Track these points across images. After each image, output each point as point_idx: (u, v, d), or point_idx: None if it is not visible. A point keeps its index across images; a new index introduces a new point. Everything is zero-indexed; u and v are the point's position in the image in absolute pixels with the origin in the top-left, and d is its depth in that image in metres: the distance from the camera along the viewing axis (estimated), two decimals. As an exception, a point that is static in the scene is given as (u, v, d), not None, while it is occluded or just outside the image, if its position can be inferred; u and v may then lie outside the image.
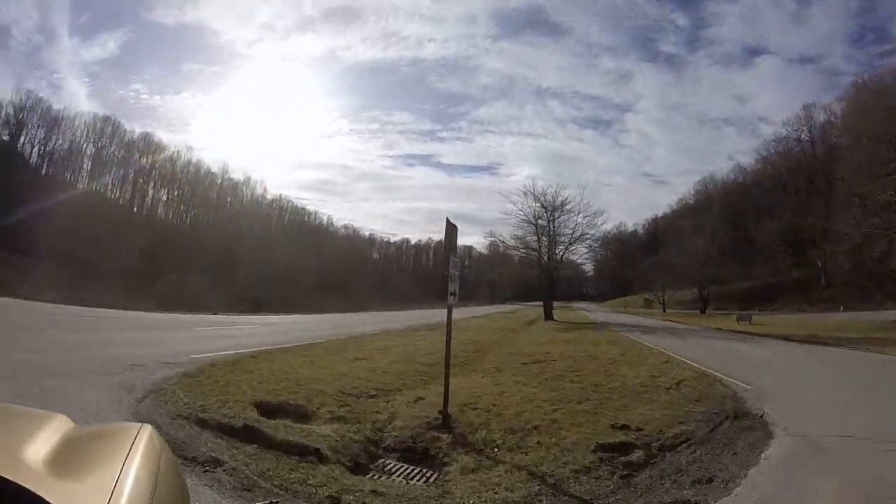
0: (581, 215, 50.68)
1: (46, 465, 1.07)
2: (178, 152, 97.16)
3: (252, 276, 78.99)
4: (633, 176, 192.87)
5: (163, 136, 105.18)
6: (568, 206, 50.77)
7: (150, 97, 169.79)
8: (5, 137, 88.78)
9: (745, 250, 78.81)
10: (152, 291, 58.96)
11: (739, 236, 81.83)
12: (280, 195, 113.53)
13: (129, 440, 1.29)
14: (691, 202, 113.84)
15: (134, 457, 1.19)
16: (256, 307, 57.89)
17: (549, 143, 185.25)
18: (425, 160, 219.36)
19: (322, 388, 9.33)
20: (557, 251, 52.48)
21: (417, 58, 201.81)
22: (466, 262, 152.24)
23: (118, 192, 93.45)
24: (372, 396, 9.51)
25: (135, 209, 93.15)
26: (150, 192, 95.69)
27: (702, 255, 72.11)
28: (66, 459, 1.14)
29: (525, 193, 51.65)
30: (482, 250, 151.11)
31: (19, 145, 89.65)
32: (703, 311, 70.12)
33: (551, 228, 51.67)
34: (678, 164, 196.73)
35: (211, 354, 12.30)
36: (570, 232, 51.81)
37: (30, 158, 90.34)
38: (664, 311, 77.24)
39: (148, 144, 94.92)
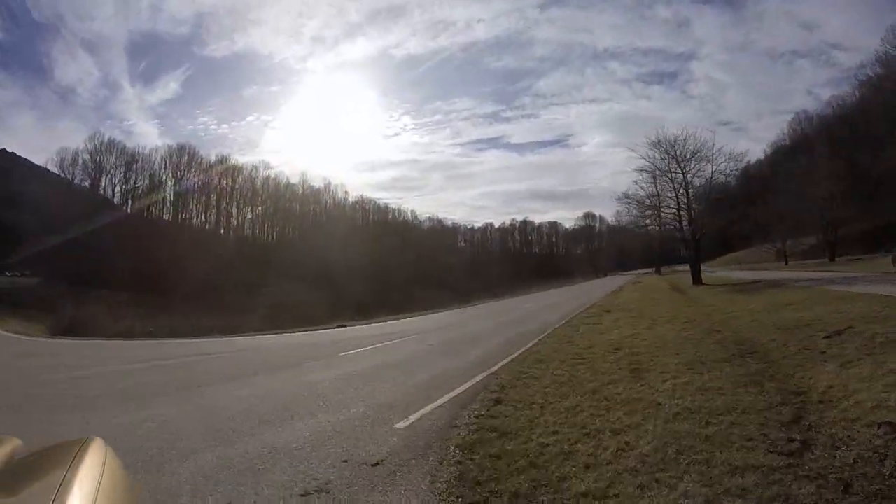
0: (718, 162, 42.89)
1: None
2: (255, 168, 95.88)
3: (349, 280, 75.50)
4: (708, 126, 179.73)
5: (237, 159, 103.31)
6: (702, 154, 42.84)
7: (218, 126, 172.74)
8: (87, 183, 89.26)
9: (863, 187, 67.70)
10: (253, 310, 56.25)
11: (854, 173, 70.44)
12: (362, 196, 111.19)
13: (72, 454, 1.27)
14: (786, 144, 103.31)
15: (76, 469, 1.18)
16: (363, 311, 53.49)
17: (615, 105, 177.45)
18: (494, 142, 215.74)
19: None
20: (696, 207, 44.16)
21: (469, 41, 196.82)
22: (554, 239, 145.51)
23: (203, 218, 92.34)
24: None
25: (221, 231, 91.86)
26: (234, 212, 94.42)
27: (825, 197, 61.81)
28: (7, 479, 1.19)
29: (653, 144, 43.78)
30: (571, 225, 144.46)
31: (101, 188, 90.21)
32: (832, 259, 61.14)
33: (685, 181, 43.93)
34: (754, 108, 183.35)
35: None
36: (706, 183, 43.90)
37: (113, 198, 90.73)
38: (786, 263, 68.42)
39: (225, 167, 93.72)
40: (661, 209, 45.44)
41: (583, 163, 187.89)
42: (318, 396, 8.40)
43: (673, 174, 44.04)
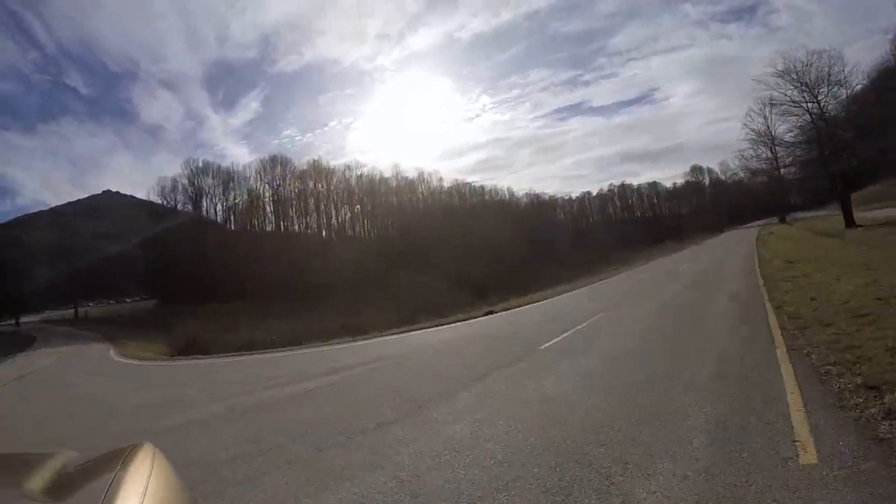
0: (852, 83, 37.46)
1: (40, 497, 1.13)
2: (348, 168, 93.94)
3: (460, 265, 70.76)
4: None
5: (329, 162, 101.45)
6: (833, 77, 37.16)
7: (303, 136, 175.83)
8: (188, 207, 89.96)
9: None
10: (371, 307, 52.47)
11: None
12: (456, 180, 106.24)
13: (120, 459, 1.28)
14: (892, 65, 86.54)
15: (124, 472, 1.17)
16: (482, 294, 48.34)
17: (696, 51, 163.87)
18: (576, 109, 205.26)
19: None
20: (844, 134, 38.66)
21: (532, 10, 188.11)
22: (655, 200, 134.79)
23: (304, 223, 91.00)
24: None
25: (323, 234, 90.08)
26: (333, 213, 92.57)
27: None
28: (58, 489, 1.18)
29: (781, 73, 37.07)
30: (671, 184, 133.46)
31: (203, 209, 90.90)
32: None
33: (821, 110, 38.48)
34: (844, 31, 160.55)
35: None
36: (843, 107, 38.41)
37: (215, 217, 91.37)
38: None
39: (319, 171, 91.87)
40: (797, 146, 38.27)
41: (672, 116, 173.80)
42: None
43: (808, 104, 37.93)
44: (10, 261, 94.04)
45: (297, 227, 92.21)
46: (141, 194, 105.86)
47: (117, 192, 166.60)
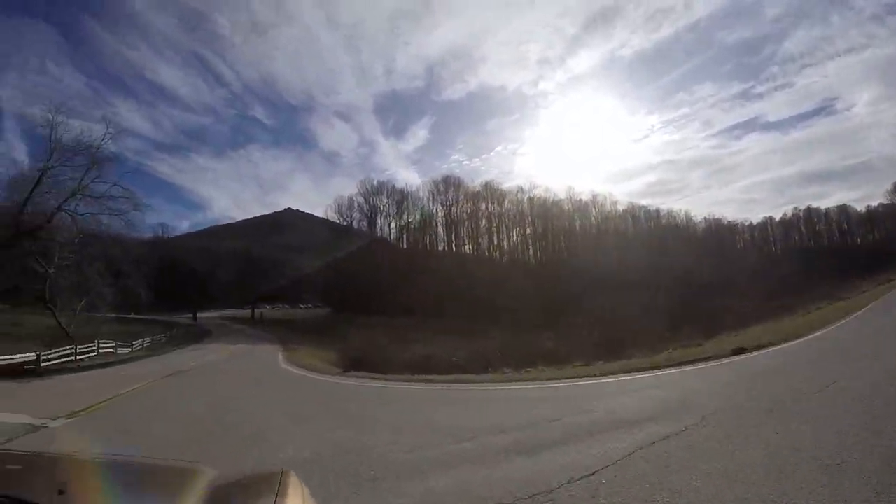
0: None
1: None
2: (521, 189, 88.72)
3: (643, 291, 61.21)
4: None
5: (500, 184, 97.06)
6: None
7: (470, 161, 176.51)
8: (364, 224, 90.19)
9: None
10: (555, 331, 45.40)
11: None
12: (631, 203, 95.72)
13: (272, 486, 1.32)
14: None
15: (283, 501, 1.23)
16: (675, 325, 38.87)
17: (876, 51, 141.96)
18: (750, 125, 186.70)
19: None
20: None
21: (692, 22, 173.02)
22: (846, 226, 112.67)
23: (476, 244, 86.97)
24: None
25: (494, 255, 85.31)
26: (504, 235, 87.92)
27: None
28: None
29: None
30: (864, 206, 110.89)
31: (378, 227, 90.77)
32: None
33: None
34: None
35: None
36: None
37: (389, 235, 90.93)
38: None
39: (491, 193, 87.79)
40: None
41: (856, 129, 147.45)
42: None
43: None
44: (199, 263, 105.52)
45: (467, 247, 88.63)
46: (319, 212, 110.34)
47: (297, 210, 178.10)
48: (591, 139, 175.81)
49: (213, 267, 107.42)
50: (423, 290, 73.42)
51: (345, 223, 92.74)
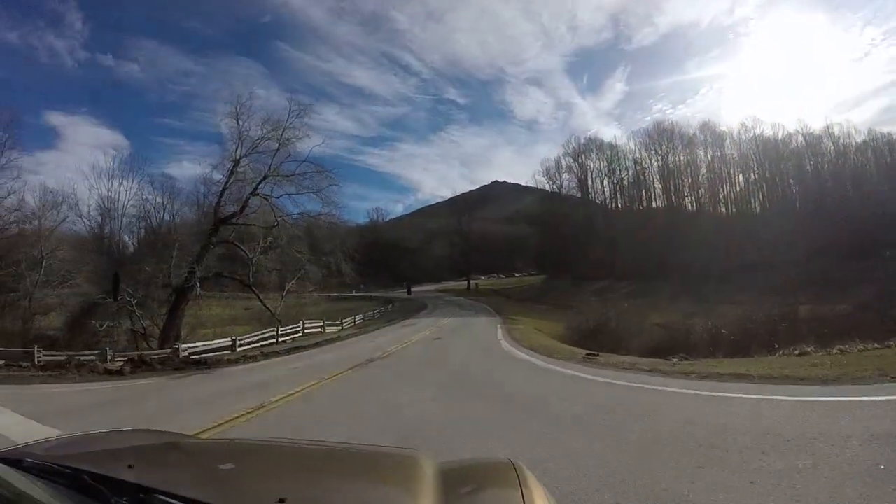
0: None
1: None
2: (744, 127, 72.68)
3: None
4: None
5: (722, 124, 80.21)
6: None
7: (674, 109, 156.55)
8: (574, 186, 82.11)
9: None
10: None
11: None
12: (870, 132, 70.01)
13: (510, 479, 1.22)
14: None
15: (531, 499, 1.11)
16: None
17: None
18: None
19: None
20: None
21: None
22: None
23: (696, 197, 73.91)
24: None
25: (720, 208, 71.59)
26: (726, 184, 72.94)
27: None
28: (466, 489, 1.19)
29: None
30: None
31: (589, 189, 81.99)
32: None
33: None
34: None
35: None
36: None
37: (603, 195, 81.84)
38: None
39: (709, 134, 73.54)
40: None
41: None
42: None
43: None
44: (413, 240, 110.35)
45: (688, 200, 74.91)
46: (525, 182, 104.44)
47: (504, 182, 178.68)
48: (803, 66, 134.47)
49: (427, 243, 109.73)
50: (642, 252, 63.55)
51: (554, 188, 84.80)
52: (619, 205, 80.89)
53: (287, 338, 23.92)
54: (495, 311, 37.86)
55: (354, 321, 32.86)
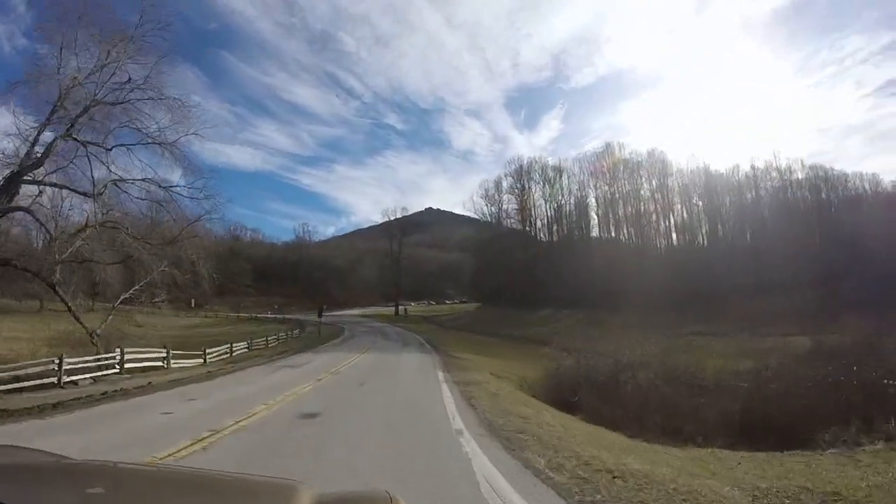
0: None
1: None
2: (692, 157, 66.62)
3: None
4: None
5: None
6: None
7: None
8: (513, 210, 74.27)
9: None
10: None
11: None
12: (807, 170, 64.71)
13: None
14: None
15: None
16: None
17: None
18: None
19: None
20: None
21: None
22: None
23: (636, 229, 67.24)
24: None
25: (658, 242, 64.95)
26: (667, 215, 66.74)
27: None
28: None
29: None
30: None
31: (529, 213, 73.96)
32: None
33: None
34: None
35: None
36: None
37: (537, 225, 73.97)
38: None
39: (655, 163, 67.49)
40: None
41: None
42: None
43: None
44: (343, 261, 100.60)
45: (629, 230, 68.19)
46: (461, 208, 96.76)
47: (438, 209, 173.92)
48: (736, 113, 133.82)
49: (356, 264, 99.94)
50: (585, 280, 55.80)
51: (493, 210, 76.40)
52: (562, 231, 73.29)
53: (85, 376, 13.14)
54: (430, 342, 28.08)
55: (231, 353, 22.12)
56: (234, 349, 22.84)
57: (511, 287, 64.00)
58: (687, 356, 17.92)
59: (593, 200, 70.75)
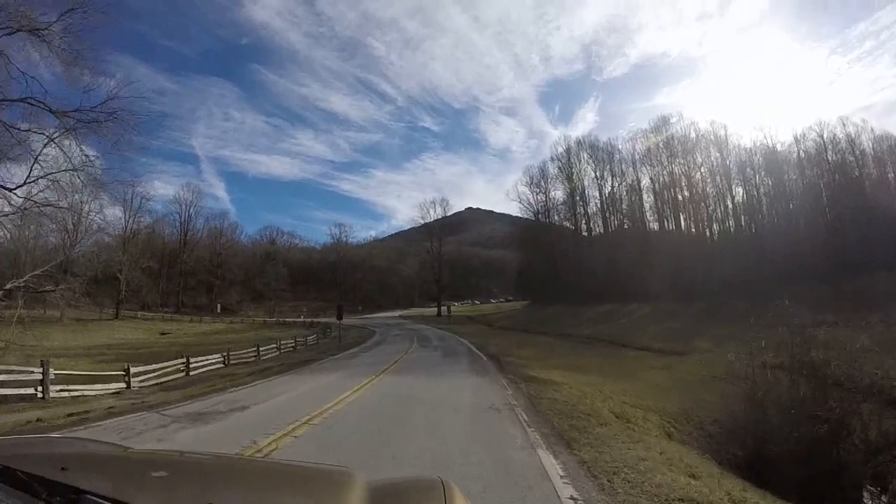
0: None
1: None
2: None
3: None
4: None
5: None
6: None
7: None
8: (560, 200, 64.99)
9: None
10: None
11: None
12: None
13: (437, 498, 1.13)
14: None
15: None
16: None
17: None
18: None
19: None
20: None
21: None
22: None
23: (689, 217, 56.21)
24: None
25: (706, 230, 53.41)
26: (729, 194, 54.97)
27: None
28: None
29: None
30: None
31: (578, 199, 64.43)
32: None
33: None
34: None
35: None
36: None
37: (586, 219, 63.88)
38: None
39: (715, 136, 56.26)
40: None
41: None
42: None
43: None
44: (382, 261, 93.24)
45: (684, 216, 57.34)
46: (501, 207, 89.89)
47: (478, 208, 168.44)
48: (773, 93, 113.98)
49: (396, 264, 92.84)
50: (647, 271, 46.33)
51: (536, 204, 67.01)
52: (616, 218, 63.28)
53: None
54: (483, 350, 19.67)
55: (188, 371, 14.48)
56: (203, 364, 15.20)
57: (561, 282, 55.48)
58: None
59: (648, 181, 60.45)
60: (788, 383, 9.42)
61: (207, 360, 15.91)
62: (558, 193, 64.95)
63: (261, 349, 20.13)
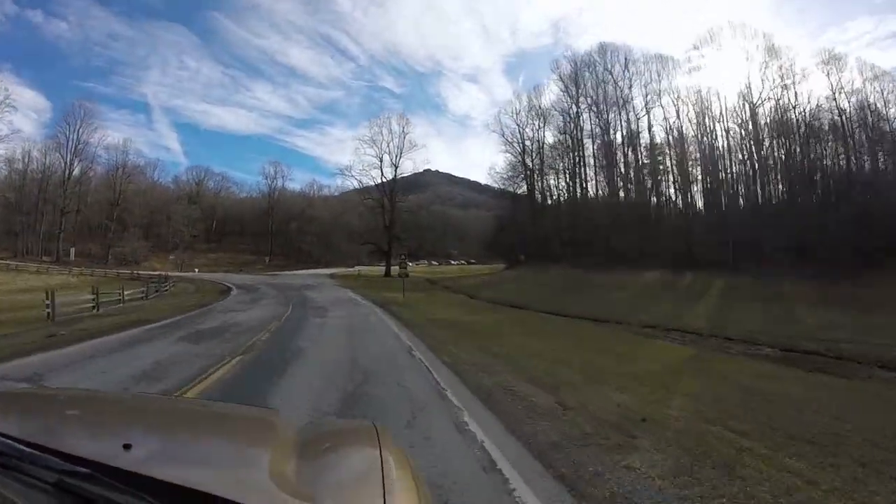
0: None
1: (278, 479, 0.75)
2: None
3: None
4: None
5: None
6: None
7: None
8: (560, 131, 47.77)
9: None
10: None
11: None
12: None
13: (371, 440, 1.01)
14: None
15: (387, 458, 0.89)
16: None
17: None
18: None
19: None
20: None
21: None
22: None
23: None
24: None
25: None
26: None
27: None
28: (306, 473, 0.83)
29: None
30: None
31: (582, 133, 47.32)
32: None
33: None
34: None
35: None
36: None
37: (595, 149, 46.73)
38: None
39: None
40: None
41: None
42: None
43: None
44: (324, 212, 73.73)
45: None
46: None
47: (437, 171, 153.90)
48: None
49: (342, 218, 73.80)
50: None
51: (528, 140, 49.03)
52: (636, 160, 45.58)
53: None
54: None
55: None
56: None
57: (557, 241, 39.15)
58: None
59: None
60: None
61: None
62: (556, 124, 48.25)
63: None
